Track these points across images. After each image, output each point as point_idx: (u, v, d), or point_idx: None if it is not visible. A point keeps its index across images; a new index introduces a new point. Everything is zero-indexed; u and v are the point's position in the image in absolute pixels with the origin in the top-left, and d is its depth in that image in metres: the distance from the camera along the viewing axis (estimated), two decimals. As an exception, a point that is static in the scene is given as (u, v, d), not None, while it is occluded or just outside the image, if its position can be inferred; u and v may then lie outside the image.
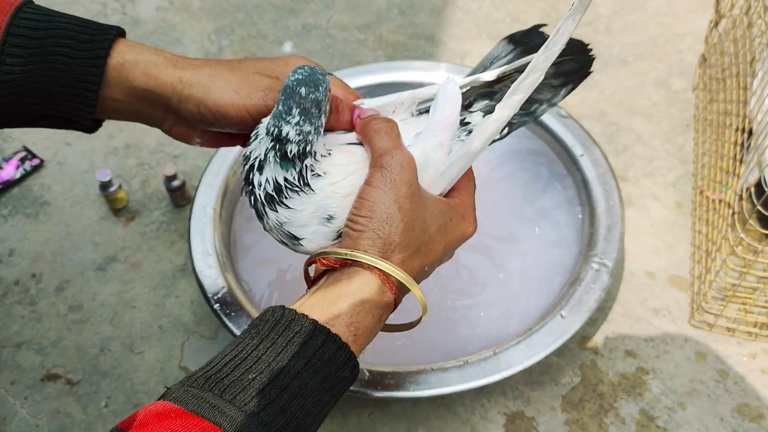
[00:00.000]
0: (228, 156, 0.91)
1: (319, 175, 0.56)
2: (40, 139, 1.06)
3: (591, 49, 0.69)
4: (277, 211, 0.57)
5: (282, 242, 0.60)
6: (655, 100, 1.09)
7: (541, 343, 0.75)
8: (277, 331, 0.50)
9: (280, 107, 0.54)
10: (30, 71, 0.59)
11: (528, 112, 0.65)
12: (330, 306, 0.52)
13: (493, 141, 0.61)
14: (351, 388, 0.57)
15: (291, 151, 0.55)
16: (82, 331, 0.87)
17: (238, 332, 0.75)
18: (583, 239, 0.84)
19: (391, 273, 0.54)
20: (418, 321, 0.60)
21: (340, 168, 0.57)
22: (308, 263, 0.58)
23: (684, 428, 0.78)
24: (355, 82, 0.99)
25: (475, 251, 0.85)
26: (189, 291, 0.90)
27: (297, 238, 0.58)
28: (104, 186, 0.95)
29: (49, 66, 0.59)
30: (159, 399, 0.48)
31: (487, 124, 0.59)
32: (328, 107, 0.56)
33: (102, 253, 0.94)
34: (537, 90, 0.61)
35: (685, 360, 0.83)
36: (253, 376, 0.47)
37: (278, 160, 0.55)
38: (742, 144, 0.84)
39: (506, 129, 0.63)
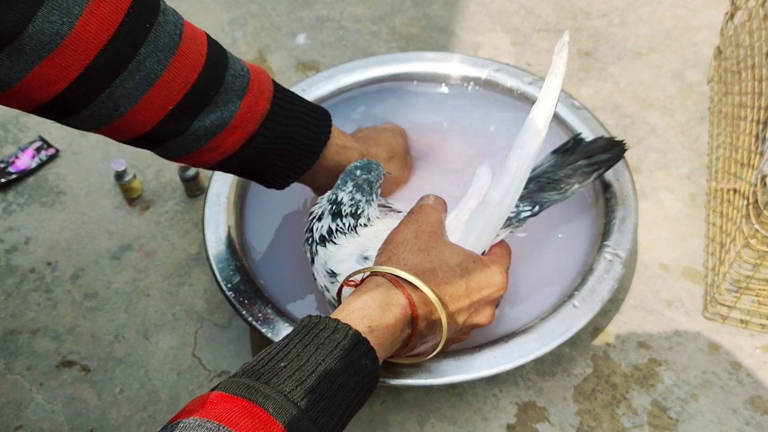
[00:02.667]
0: (242, 146, 0.92)
1: (366, 225, 0.71)
2: (56, 128, 1.07)
3: (625, 143, 0.81)
4: (325, 247, 0.70)
5: (324, 289, 0.71)
6: (669, 93, 1.08)
7: (554, 332, 0.75)
8: (304, 332, 0.56)
9: (338, 182, 0.71)
10: (268, 150, 0.69)
11: (560, 192, 0.76)
12: (345, 305, 0.59)
13: (527, 217, 0.74)
14: None
15: (344, 211, 0.70)
16: (96, 318, 0.88)
17: (251, 320, 0.76)
18: (597, 230, 0.84)
19: (399, 275, 0.61)
20: (441, 341, 0.65)
21: (386, 224, 0.71)
22: (338, 291, 0.66)
23: (696, 420, 0.78)
24: (368, 74, 0.99)
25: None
26: (202, 279, 0.91)
27: (335, 274, 0.69)
28: (119, 176, 0.96)
29: (282, 148, 0.70)
30: (212, 390, 0.53)
31: (493, 188, 0.68)
32: (379, 190, 0.73)
33: (117, 242, 0.94)
34: (569, 175, 0.75)
35: (698, 352, 0.83)
36: (285, 364, 0.53)
37: (331, 216, 0.70)
38: (757, 135, 0.84)
39: (537, 207, 0.74)
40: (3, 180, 1.00)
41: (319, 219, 0.71)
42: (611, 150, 0.79)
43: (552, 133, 0.94)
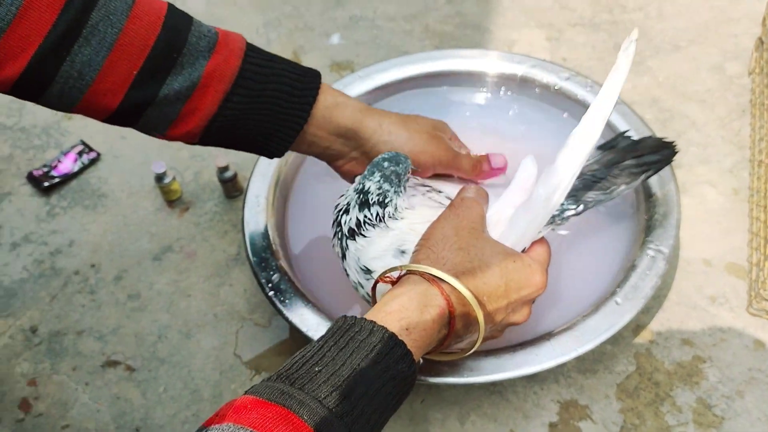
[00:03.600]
0: (279, 147, 0.92)
1: (397, 219, 0.68)
2: (96, 132, 1.09)
3: (675, 145, 0.77)
4: (355, 241, 0.68)
5: (357, 285, 0.70)
6: (709, 86, 1.07)
7: (596, 329, 0.74)
8: (339, 334, 0.55)
9: (366, 172, 0.69)
10: (249, 110, 0.68)
11: (605, 192, 0.73)
12: (382, 306, 0.58)
13: (571, 216, 0.72)
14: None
15: (371, 200, 0.68)
16: (140, 319, 0.89)
17: (292, 318, 0.77)
18: (639, 226, 0.83)
19: (438, 275, 0.59)
20: (474, 343, 0.64)
21: (422, 215, 0.69)
22: (372, 287, 0.65)
23: (743, 417, 0.76)
24: (403, 72, 0.99)
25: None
26: (242, 279, 0.91)
27: (369, 271, 0.67)
28: (159, 178, 0.97)
29: (265, 107, 0.68)
30: (245, 393, 0.52)
31: (540, 185, 0.66)
32: (407, 184, 0.71)
33: (158, 243, 0.96)
34: (617, 175, 0.73)
35: (743, 348, 0.81)
36: (319, 368, 0.52)
37: (357, 206, 0.68)
38: (803, 127, 0.82)
39: (582, 206, 0.72)
40: (46, 184, 1.02)
41: (347, 211, 0.69)
42: (660, 151, 0.76)
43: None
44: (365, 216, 0.68)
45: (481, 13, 1.21)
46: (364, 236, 0.68)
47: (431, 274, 0.60)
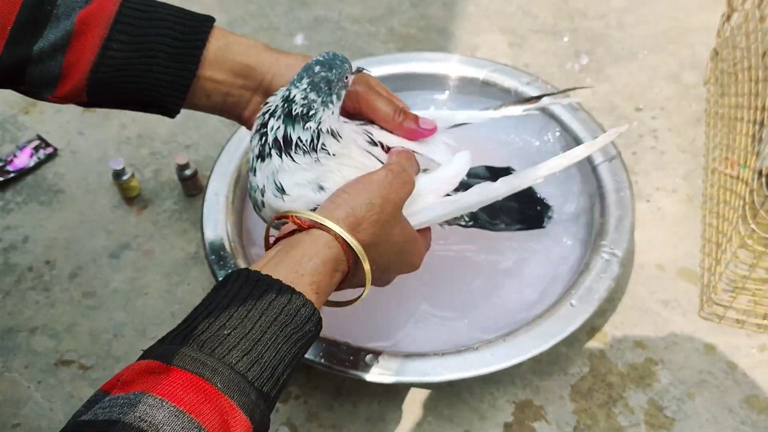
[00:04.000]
0: (240, 146, 0.92)
1: (330, 154, 0.62)
2: (54, 128, 1.07)
3: (547, 218, 0.86)
4: (281, 158, 0.62)
5: (259, 197, 0.64)
6: (666, 94, 1.09)
7: (551, 331, 0.75)
8: (245, 291, 0.53)
9: (296, 76, 0.62)
10: (132, 57, 0.64)
11: (492, 223, 0.81)
12: (295, 265, 0.56)
13: (453, 223, 0.76)
14: (361, 374, 0.68)
15: (294, 111, 0.61)
16: (95, 316, 0.88)
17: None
18: (593, 229, 0.85)
19: (354, 247, 0.58)
20: (358, 298, 0.64)
21: (353, 161, 0.64)
22: (278, 218, 0.62)
23: (692, 419, 0.78)
24: (367, 73, 0.99)
25: (485, 239, 0.86)
26: (200, 278, 0.91)
27: (283, 191, 0.62)
28: (117, 174, 0.96)
29: (149, 54, 0.64)
30: (139, 359, 0.49)
31: (468, 195, 0.68)
32: (343, 92, 0.63)
33: (115, 241, 0.95)
34: (498, 215, 0.81)
35: (694, 351, 0.83)
36: (228, 331, 0.50)
37: (283, 116, 0.61)
38: (754, 136, 0.84)
39: (472, 222, 0.78)
40: (1, 179, 1.00)
41: (273, 115, 0.62)
42: (531, 220, 0.85)
43: (548, 133, 0.95)
44: (299, 138, 0.61)
45: (445, 18, 1.22)
46: (293, 159, 0.61)
47: (345, 241, 0.58)
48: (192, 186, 0.97)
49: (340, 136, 0.63)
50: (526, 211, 0.85)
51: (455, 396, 0.80)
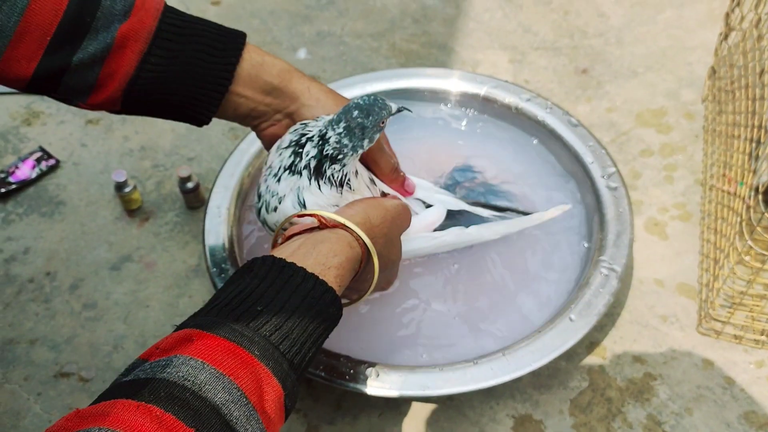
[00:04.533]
0: (242, 159, 0.93)
1: (351, 189, 0.69)
2: (56, 139, 1.07)
3: None
4: (310, 182, 0.67)
5: (274, 203, 0.68)
6: (664, 111, 1.10)
7: (550, 345, 0.75)
8: (273, 274, 0.57)
9: (334, 117, 0.66)
10: (169, 72, 0.66)
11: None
12: (323, 258, 0.60)
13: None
14: (361, 387, 0.72)
15: (326, 151, 0.66)
16: (95, 328, 0.88)
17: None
18: (593, 245, 0.85)
19: (372, 252, 0.64)
20: (361, 298, 0.70)
21: (364, 194, 0.71)
22: (301, 215, 0.66)
23: (691, 434, 0.78)
24: (369, 89, 1.00)
25: (487, 253, 0.86)
26: (201, 291, 0.91)
27: (304, 206, 0.67)
28: (119, 186, 0.96)
29: (185, 69, 0.67)
30: (177, 328, 0.52)
31: (446, 235, 0.79)
32: (377, 135, 0.68)
33: (116, 253, 0.95)
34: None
35: (693, 366, 0.84)
36: (260, 308, 0.54)
37: (317, 150, 0.66)
38: (750, 154, 0.85)
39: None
40: (3, 190, 1.00)
41: (310, 140, 0.67)
42: None
43: (548, 150, 0.96)
44: (331, 174, 0.66)
45: (446, 34, 1.23)
46: (319, 187, 0.66)
47: (366, 244, 0.64)
48: (194, 198, 0.98)
49: (357, 172, 0.70)
50: None
51: (455, 410, 0.80)
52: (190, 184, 0.96)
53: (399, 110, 0.69)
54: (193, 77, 0.67)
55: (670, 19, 1.24)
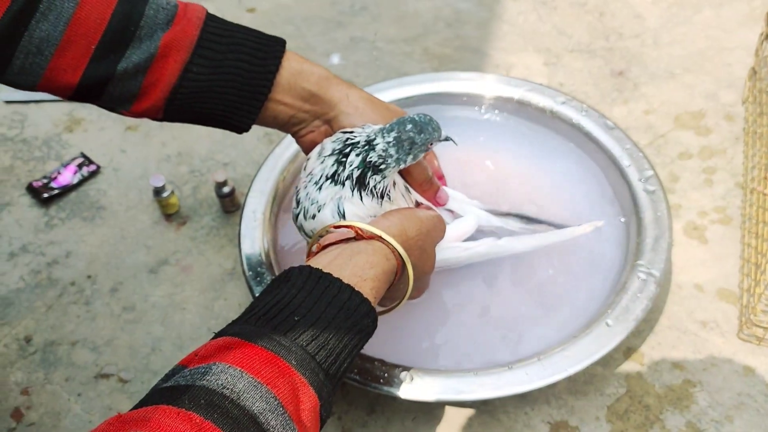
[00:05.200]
0: (277, 164, 0.94)
1: (390, 200, 0.69)
2: (97, 146, 1.10)
3: None
4: (352, 193, 0.66)
5: (312, 210, 0.68)
6: (703, 113, 1.08)
7: (586, 351, 0.74)
8: (311, 284, 0.57)
9: (387, 125, 0.67)
10: (211, 81, 0.67)
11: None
12: (359, 270, 0.61)
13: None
14: (395, 391, 0.71)
15: (370, 158, 0.66)
16: (134, 331, 0.90)
17: (285, 334, 0.77)
18: (630, 249, 0.84)
19: (406, 260, 0.65)
20: (394, 308, 0.70)
21: (401, 204, 0.71)
22: (337, 226, 0.66)
23: (732, 442, 0.77)
24: (403, 92, 1.00)
25: (522, 257, 0.86)
26: (237, 294, 0.92)
27: (343, 216, 0.67)
28: (157, 191, 0.98)
29: (227, 78, 0.68)
30: (216, 336, 0.53)
31: (478, 246, 0.79)
32: (422, 155, 0.69)
33: (154, 257, 0.97)
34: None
35: (733, 373, 0.82)
36: (298, 318, 0.54)
37: (360, 159, 0.66)
38: (794, 156, 0.83)
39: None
40: (45, 195, 1.03)
41: (354, 148, 0.66)
42: None
43: (581, 153, 0.95)
44: (374, 186, 0.66)
45: (480, 37, 1.23)
46: (361, 198, 0.67)
47: (401, 257, 0.64)
48: (230, 203, 0.99)
49: (395, 182, 0.70)
50: None
51: (489, 415, 0.80)
52: (225, 189, 0.97)
53: (446, 139, 0.71)
54: (233, 86, 0.68)
55: (708, 19, 1.22)
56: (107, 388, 0.85)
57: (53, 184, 1.04)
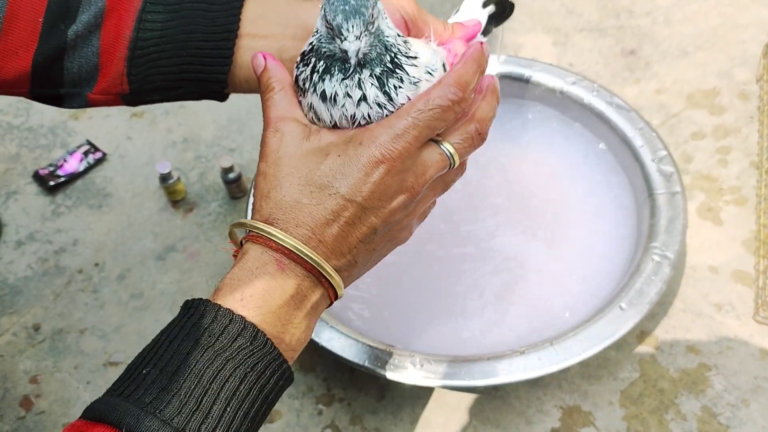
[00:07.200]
0: (284, 148, 0.92)
1: (415, 57, 0.53)
2: (103, 133, 1.09)
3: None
4: (386, 78, 0.50)
5: (345, 105, 0.50)
6: (717, 92, 1.06)
7: (600, 335, 0.73)
8: (177, 323, 0.48)
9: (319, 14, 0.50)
10: (170, 28, 0.61)
11: None
12: (262, 298, 0.50)
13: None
14: (405, 377, 0.68)
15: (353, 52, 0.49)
16: (142, 318, 0.89)
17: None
18: (644, 231, 0.83)
19: (332, 283, 0.51)
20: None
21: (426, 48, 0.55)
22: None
23: (748, 426, 0.76)
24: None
25: (533, 241, 0.85)
26: (245, 281, 0.91)
27: (391, 100, 0.51)
28: (163, 178, 0.97)
29: (187, 21, 0.60)
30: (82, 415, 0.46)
31: None
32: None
33: (161, 243, 0.96)
34: None
35: (749, 356, 0.81)
36: (147, 370, 0.46)
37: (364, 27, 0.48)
38: (811, 134, 0.81)
39: None
40: (52, 183, 1.02)
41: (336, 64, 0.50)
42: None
43: (594, 134, 0.94)
44: (397, 81, 0.50)
45: (488, 18, 1.20)
46: (405, 71, 0.51)
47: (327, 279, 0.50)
48: (236, 189, 0.98)
49: (406, 40, 0.54)
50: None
51: (501, 400, 0.79)
52: (232, 175, 0.96)
53: None
54: (196, 30, 0.60)
55: (722, -3, 1.19)
56: (116, 376, 0.83)
57: (59, 172, 1.04)
